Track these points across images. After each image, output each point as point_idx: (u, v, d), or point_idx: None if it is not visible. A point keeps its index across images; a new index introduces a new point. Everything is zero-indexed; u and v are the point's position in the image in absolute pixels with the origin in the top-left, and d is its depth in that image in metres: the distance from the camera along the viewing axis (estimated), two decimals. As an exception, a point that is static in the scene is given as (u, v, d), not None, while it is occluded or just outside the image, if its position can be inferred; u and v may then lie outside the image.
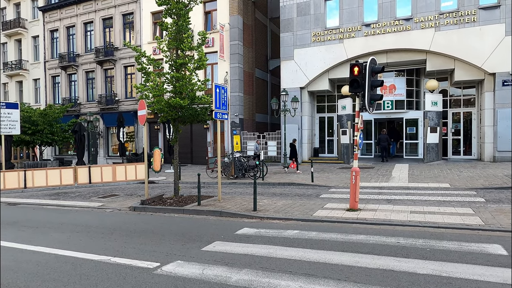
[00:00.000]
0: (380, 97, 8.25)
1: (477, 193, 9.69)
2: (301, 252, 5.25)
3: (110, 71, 26.42)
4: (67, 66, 27.70)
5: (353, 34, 18.80)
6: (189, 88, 10.17)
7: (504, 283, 3.93)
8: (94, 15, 26.55)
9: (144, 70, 10.19)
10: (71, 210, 10.40)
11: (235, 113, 21.66)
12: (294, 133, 20.20)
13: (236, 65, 21.67)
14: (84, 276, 4.62)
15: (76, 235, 7.00)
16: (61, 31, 28.13)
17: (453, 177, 12.55)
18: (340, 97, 20.45)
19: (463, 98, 19.07)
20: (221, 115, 9.87)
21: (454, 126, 19.13)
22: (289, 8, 20.42)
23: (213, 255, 5.29)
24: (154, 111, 10.66)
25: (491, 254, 4.86)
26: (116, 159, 24.95)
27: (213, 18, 22.45)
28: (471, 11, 16.53)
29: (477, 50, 16.41)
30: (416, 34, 17.48)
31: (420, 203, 8.69)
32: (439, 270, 4.34)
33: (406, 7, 17.95)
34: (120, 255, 5.46)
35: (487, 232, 5.99)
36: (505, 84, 16.12)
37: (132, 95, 25.22)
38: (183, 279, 4.38)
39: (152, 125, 23.75)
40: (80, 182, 15.57)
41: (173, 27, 10.09)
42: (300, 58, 20.07)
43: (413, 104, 19.68)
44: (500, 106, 16.26)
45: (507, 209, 7.48)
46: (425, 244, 5.42)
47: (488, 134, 16.84)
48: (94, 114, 24.04)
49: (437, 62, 17.61)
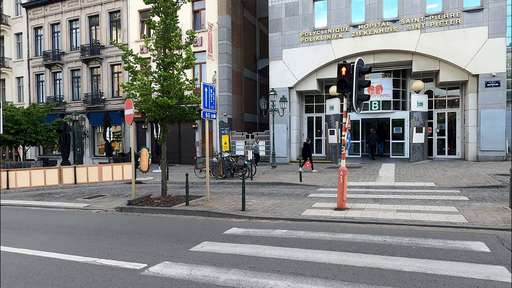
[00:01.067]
0: (367, 97, 8.34)
1: (461, 192, 9.90)
2: (289, 252, 5.26)
3: (96, 70, 25.99)
4: (51, 64, 27.12)
5: (341, 35, 18.98)
6: (177, 87, 10.08)
7: (487, 279, 4.02)
8: (79, 13, 26.08)
9: (131, 69, 10.06)
10: (56, 211, 10.19)
11: (224, 112, 21.60)
12: (283, 133, 20.26)
13: (224, 65, 21.61)
14: (68, 278, 4.53)
15: (60, 237, 6.86)
16: (46, 29, 27.53)
17: (438, 176, 12.79)
18: (328, 97, 20.61)
19: (448, 99, 19.47)
20: (210, 115, 9.82)
21: (439, 126, 19.51)
22: (278, 8, 20.47)
23: (201, 255, 5.26)
24: (141, 110, 10.53)
25: (475, 252, 4.97)
26: (102, 159, 24.58)
27: (202, 17, 22.33)
28: (455, 14, 16.88)
29: (461, 52, 16.77)
30: (402, 36, 17.75)
31: (406, 202, 8.82)
32: (425, 268, 4.41)
33: (393, 9, 18.21)
34: (106, 256, 5.37)
35: (471, 230, 6.13)
36: (488, 85, 16.52)
37: (119, 94, 24.88)
38: (171, 280, 4.34)
39: (139, 124, 23.47)
40: (65, 183, 15.28)
41: (161, 26, 9.99)
42: (289, 58, 20.14)
43: (399, 104, 19.99)
44: (483, 107, 16.65)
45: (489, 207, 7.66)
46: (411, 242, 5.51)
47: (472, 134, 17.24)
48: (79, 113, 23.62)
49: (422, 63, 17.92)
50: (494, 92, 16.43)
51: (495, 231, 5.99)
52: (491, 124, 16.42)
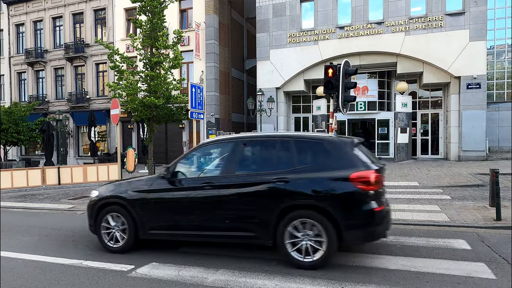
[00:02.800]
0: (354, 98, 8.48)
1: (443, 191, 10.16)
2: (277, 251, 5.30)
3: (81, 68, 25.52)
4: (34, 62, 26.48)
5: (328, 36, 19.18)
6: (164, 87, 10.04)
7: (468, 276, 4.16)
8: (63, 10, 25.54)
9: (117, 68, 9.95)
10: (39, 212, 9.97)
11: (211, 112, 21.53)
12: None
13: (212, 65, 21.54)
14: (53, 281, 4.46)
15: (45, 239, 6.73)
16: (28, 26, 26.86)
17: (421, 176, 13.08)
18: (315, 97, 20.80)
19: (431, 100, 19.93)
20: (197, 115, 9.80)
21: (423, 127, 19.96)
22: (265, 9, 20.54)
23: (189, 256, 5.25)
24: (127, 110, 10.43)
25: (456, 249, 5.13)
26: (87, 160, 24.16)
27: (189, 16, 22.20)
28: (438, 17, 17.29)
29: (444, 54, 17.19)
30: (388, 38, 18.07)
31: (391, 201, 8.95)
32: (409, 266, 4.53)
33: (378, 11, 18.52)
34: (92, 258, 5.30)
35: (453, 228, 6.31)
36: (469, 87, 16.99)
37: (104, 93, 24.49)
38: (159, 281, 4.32)
39: (125, 124, 23.15)
40: (48, 183, 14.94)
41: (148, 25, 9.92)
42: (276, 58, 20.23)
43: (384, 105, 20.33)
44: (465, 108, 17.11)
45: (470, 206, 7.90)
46: (395, 240, 5.63)
47: (454, 135, 17.69)
48: (63, 112, 23.12)
49: (407, 65, 18.29)
50: (475, 94, 16.90)
51: (476, 229, 6.18)
52: (472, 125, 16.89)
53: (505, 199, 8.17)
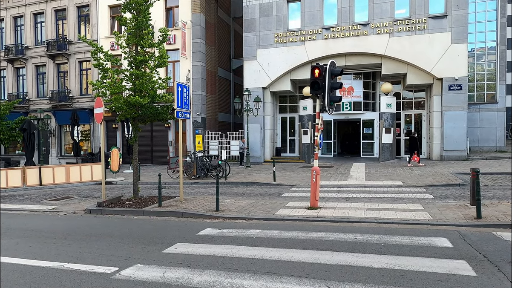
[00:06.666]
0: (339, 98, 8.55)
1: (426, 190, 10.37)
2: (263, 251, 5.31)
3: (64, 66, 24.93)
4: (14, 59, 25.71)
5: (314, 37, 19.30)
6: (150, 86, 9.88)
7: (449, 273, 4.25)
8: (45, 6, 24.87)
9: (101, 67, 9.75)
10: (19, 214, 9.70)
11: (197, 112, 21.38)
12: (257, 133, 20.33)
13: (198, 64, 21.39)
14: (34, 284, 4.34)
15: (25, 241, 6.54)
16: (8, 22, 26.06)
17: (405, 175, 13.32)
18: (302, 98, 20.91)
19: (415, 100, 20.32)
20: (183, 114, 9.70)
21: (407, 127, 20.33)
22: (252, 8, 20.52)
23: (174, 257, 5.20)
24: (112, 109, 10.23)
25: (438, 247, 5.24)
26: (70, 159, 23.60)
27: (175, 14, 21.97)
28: (421, 19, 17.63)
29: (427, 56, 17.54)
30: (373, 39, 18.32)
31: (375, 200, 9.13)
32: (393, 264, 4.60)
33: (363, 13, 18.75)
34: (74, 260, 5.19)
35: (435, 227, 6.45)
36: (451, 88, 17.39)
37: (87, 92, 23.99)
38: (143, 283, 4.26)
39: (109, 123, 22.73)
40: (29, 184, 14.55)
41: (133, 23, 9.75)
42: (263, 58, 20.24)
43: (369, 105, 20.62)
44: (447, 109, 17.52)
45: (452, 205, 8.08)
46: (380, 239, 5.72)
47: (436, 135, 18.09)
48: (45, 111, 22.54)
49: (391, 66, 18.59)
50: (456, 95, 17.32)
51: (457, 227, 6.33)
52: (454, 126, 17.31)
53: (485, 198, 8.41)
